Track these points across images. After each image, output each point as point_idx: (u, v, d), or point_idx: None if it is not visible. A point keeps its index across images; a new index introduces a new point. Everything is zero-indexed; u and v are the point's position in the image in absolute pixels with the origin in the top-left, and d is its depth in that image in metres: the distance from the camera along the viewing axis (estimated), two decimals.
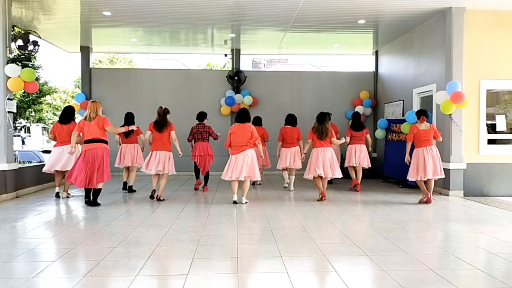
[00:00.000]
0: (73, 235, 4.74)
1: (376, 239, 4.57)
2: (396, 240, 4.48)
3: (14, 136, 9.33)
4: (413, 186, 8.42)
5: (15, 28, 8.30)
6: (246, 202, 6.70)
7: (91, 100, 6.44)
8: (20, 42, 7.54)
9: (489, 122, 7.83)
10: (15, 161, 7.46)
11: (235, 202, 6.64)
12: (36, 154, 14.02)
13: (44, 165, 7.52)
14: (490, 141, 7.79)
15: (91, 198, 6.40)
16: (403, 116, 9.37)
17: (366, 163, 8.09)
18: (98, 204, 6.42)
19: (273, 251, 4.04)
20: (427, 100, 8.65)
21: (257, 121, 8.56)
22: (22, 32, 7.88)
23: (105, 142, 6.31)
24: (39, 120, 25.31)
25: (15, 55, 7.68)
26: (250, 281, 3.28)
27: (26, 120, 24.52)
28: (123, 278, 3.31)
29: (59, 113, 26.79)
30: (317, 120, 7.01)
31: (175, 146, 6.94)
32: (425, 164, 6.60)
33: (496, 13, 7.64)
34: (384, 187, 8.47)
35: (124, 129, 6.83)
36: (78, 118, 8.88)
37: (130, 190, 7.87)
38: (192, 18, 8.56)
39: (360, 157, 8.05)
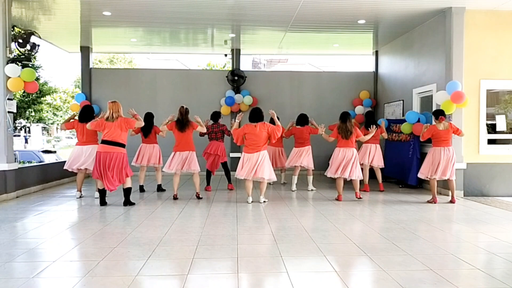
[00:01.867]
0: (73, 235, 4.75)
1: (376, 239, 4.57)
2: (396, 240, 4.48)
3: (14, 136, 9.32)
4: (413, 186, 8.44)
5: (15, 28, 8.30)
6: (264, 202, 6.76)
7: (111, 101, 6.36)
8: (20, 42, 7.53)
9: (489, 122, 7.83)
10: (15, 161, 7.46)
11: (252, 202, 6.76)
12: (36, 154, 14.01)
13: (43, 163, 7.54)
14: (490, 141, 7.79)
15: (124, 199, 6.44)
16: (403, 116, 9.37)
17: (378, 163, 7.99)
18: (132, 204, 6.47)
19: (273, 251, 4.04)
20: (427, 100, 8.65)
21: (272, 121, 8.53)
22: (22, 32, 7.88)
23: (123, 146, 6.28)
24: (39, 120, 25.29)
25: (15, 55, 7.68)
26: (250, 281, 3.28)
27: (26, 120, 24.50)
28: (123, 278, 3.31)
29: (59, 113, 26.88)
30: (341, 119, 7.00)
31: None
32: (438, 164, 6.67)
33: (496, 13, 7.64)
34: (384, 187, 8.45)
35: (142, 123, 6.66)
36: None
37: (159, 189, 8.00)
38: (192, 18, 8.56)
39: (374, 156, 7.95)
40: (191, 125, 6.91)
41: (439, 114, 6.82)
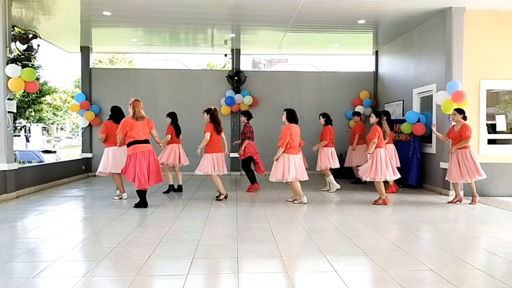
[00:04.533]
0: (73, 235, 4.74)
1: (376, 239, 4.57)
2: (396, 240, 4.48)
3: (14, 136, 9.33)
4: (413, 186, 8.43)
5: (15, 28, 8.30)
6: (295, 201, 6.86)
7: (134, 99, 6.29)
8: (20, 42, 7.53)
9: (489, 122, 7.83)
10: (15, 161, 7.46)
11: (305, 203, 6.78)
12: (36, 154, 14.02)
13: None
14: (490, 141, 7.78)
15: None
16: (403, 116, 9.36)
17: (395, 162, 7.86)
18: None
19: (273, 251, 4.04)
20: (427, 100, 8.65)
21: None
22: (22, 32, 7.88)
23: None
24: (39, 120, 25.30)
25: (15, 55, 7.68)
26: (250, 281, 3.28)
27: (26, 120, 24.51)
28: (123, 278, 3.31)
29: (59, 113, 26.89)
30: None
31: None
32: (458, 167, 6.61)
33: (496, 13, 7.64)
34: (385, 187, 8.45)
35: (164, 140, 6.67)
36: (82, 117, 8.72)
37: (179, 189, 7.94)
38: (192, 18, 8.56)
39: (392, 156, 7.80)
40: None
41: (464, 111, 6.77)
